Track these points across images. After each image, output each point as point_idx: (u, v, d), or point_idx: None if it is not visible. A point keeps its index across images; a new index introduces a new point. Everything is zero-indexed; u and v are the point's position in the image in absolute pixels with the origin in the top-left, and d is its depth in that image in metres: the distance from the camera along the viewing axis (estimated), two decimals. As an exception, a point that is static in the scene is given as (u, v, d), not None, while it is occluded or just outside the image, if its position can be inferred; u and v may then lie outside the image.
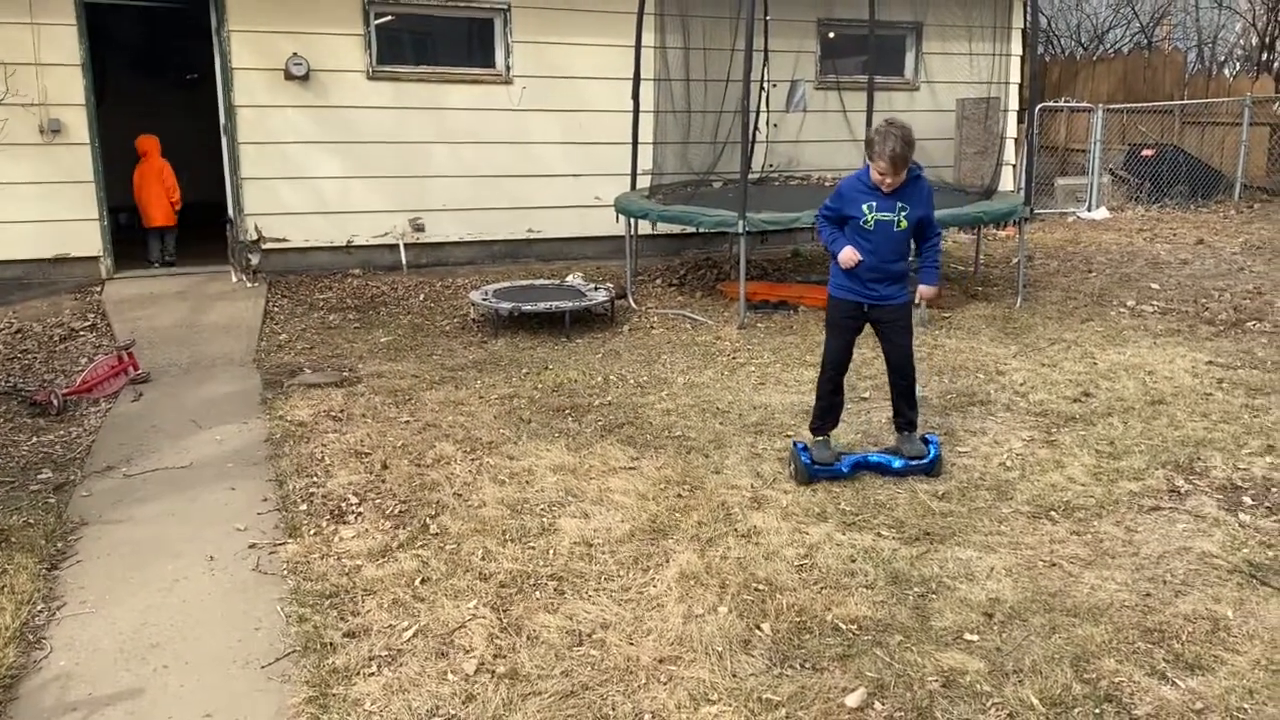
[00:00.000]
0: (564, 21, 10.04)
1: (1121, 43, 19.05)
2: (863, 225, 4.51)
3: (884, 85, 11.02)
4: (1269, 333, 7.11)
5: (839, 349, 4.73)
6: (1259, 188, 14.59)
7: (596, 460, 4.85)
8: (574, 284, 8.41)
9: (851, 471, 4.60)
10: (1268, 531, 4.01)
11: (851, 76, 11.26)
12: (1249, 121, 14.33)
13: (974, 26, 9.81)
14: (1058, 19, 19.16)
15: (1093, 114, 13.72)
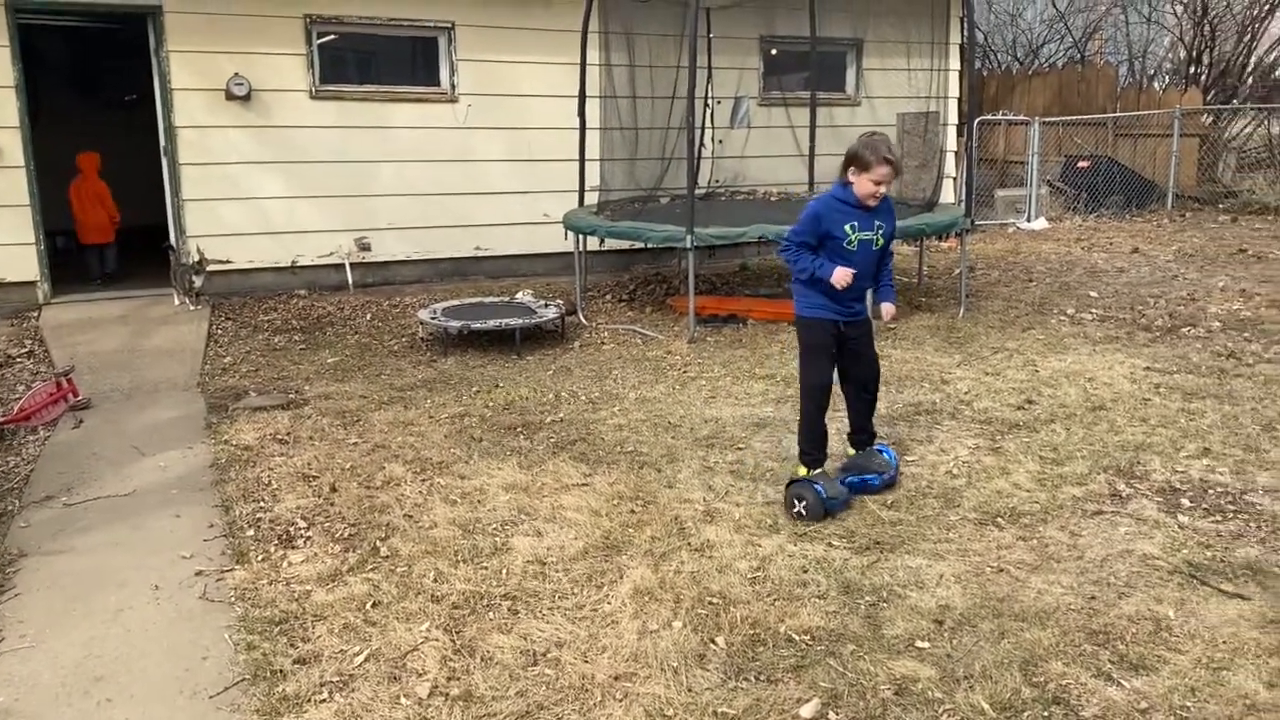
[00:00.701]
0: (509, 40, 10.06)
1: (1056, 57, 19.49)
2: (845, 246, 4.40)
3: (826, 101, 11.17)
4: (1203, 338, 7.30)
5: (825, 371, 4.57)
6: (1190, 197, 15.01)
7: (549, 478, 4.84)
8: (524, 301, 8.39)
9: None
10: (1205, 532, 4.11)
11: (794, 92, 11.41)
12: (1179, 133, 14.74)
13: (913, 42, 10.00)
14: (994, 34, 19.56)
15: (1030, 127, 14.02)
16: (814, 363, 4.57)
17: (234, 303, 9.10)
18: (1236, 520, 4.22)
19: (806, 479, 4.42)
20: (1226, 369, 6.46)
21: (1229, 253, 11.01)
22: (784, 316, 8.17)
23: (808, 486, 4.36)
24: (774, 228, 7.83)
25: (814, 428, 4.56)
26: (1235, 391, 5.96)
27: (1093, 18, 19.70)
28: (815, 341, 4.56)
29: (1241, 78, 17.25)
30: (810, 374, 4.57)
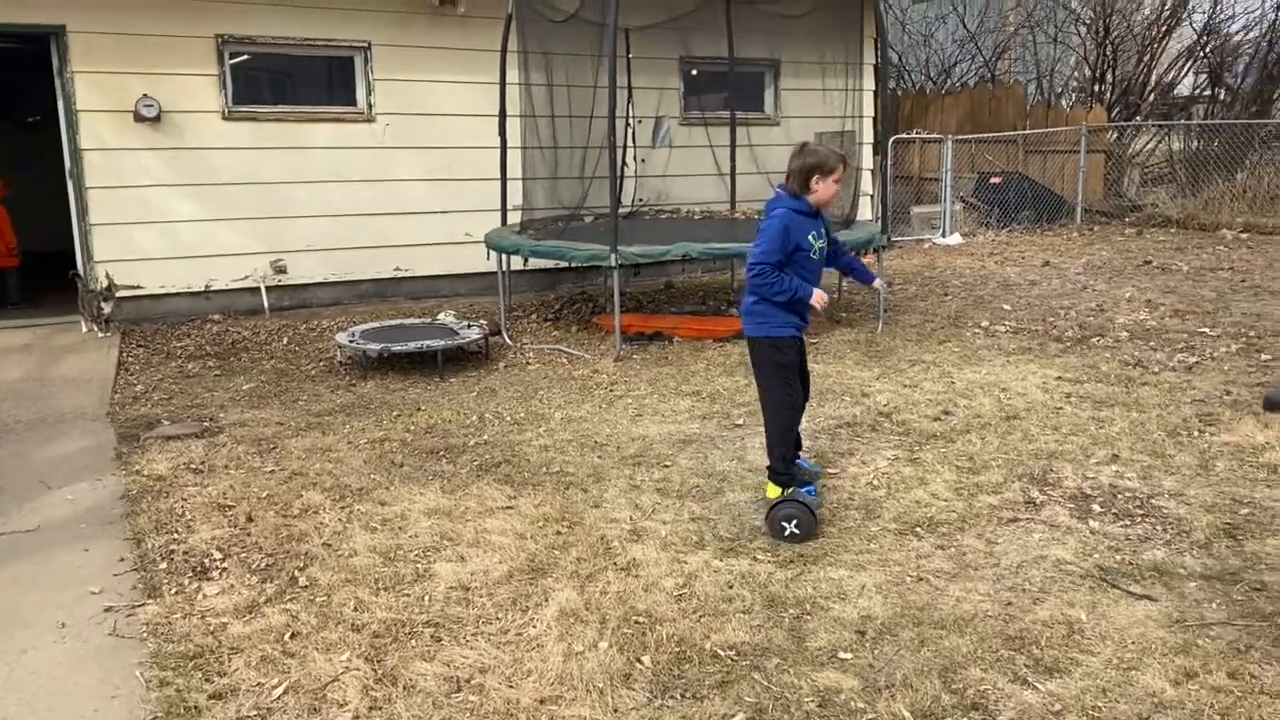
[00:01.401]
0: (426, 59, 10.00)
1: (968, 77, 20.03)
2: (811, 256, 4.41)
3: (745, 120, 11.32)
4: (1111, 347, 7.54)
5: (796, 387, 4.56)
6: (1098, 211, 15.53)
7: (473, 501, 4.79)
8: (446, 322, 8.32)
9: None
10: (1115, 537, 4.24)
11: (714, 112, 11.54)
12: (1086, 149, 15.25)
13: (828, 63, 10.19)
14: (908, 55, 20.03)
15: (943, 145, 14.38)
16: (789, 382, 4.53)
17: (145, 329, 8.86)
18: (1144, 524, 4.36)
19: (794, 499, 4.34)
20: (1134, 377, 6.67)
21: (1135, 265, 11.40)
22: (709, 333, 8.24)
23: (798, 505, 4.29)
24: (698, 246, 7.90)
25: (788, 447, 4.56)
26: (1142, 399, 6.16)
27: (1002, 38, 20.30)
28: (787, 360, 4.52)
29: (1143, 95, 17.92)
30: (786, 394, 4.53)
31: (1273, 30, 16.73)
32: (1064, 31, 19.51)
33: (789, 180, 4.43)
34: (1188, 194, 15.24)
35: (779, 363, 4.50)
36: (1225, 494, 4.64)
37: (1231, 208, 14.22)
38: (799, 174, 4.39)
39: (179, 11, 8.97)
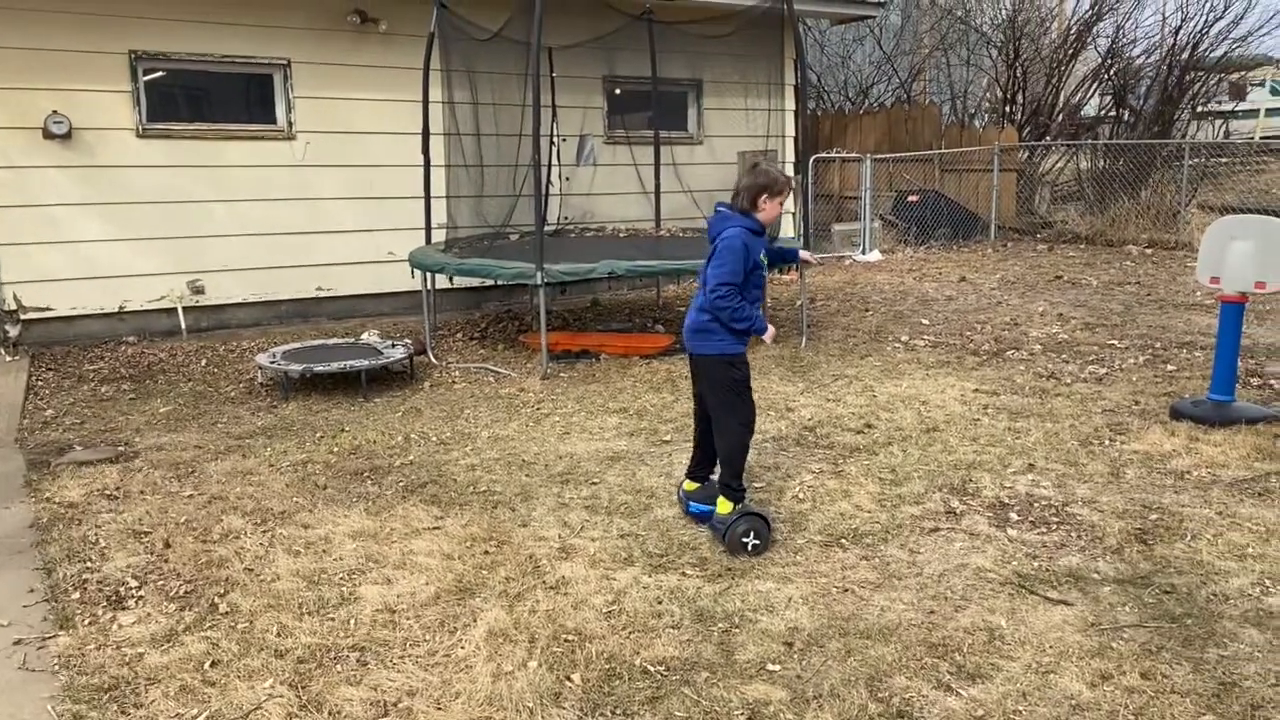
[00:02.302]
0: (348, 76, 9.90)
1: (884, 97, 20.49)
2: (761, 274, 4.44)
3: (669, 140, 11.42)
4: (1026, 360, 7.76)
5: (752, 403, 4.54)
6: (1011, 228, 15.99)
7: (399, 523, 4.74)
8: (370, 342, 8.22)
9: None
10: (1032, 544, 4.36)
11: (638, 131, 11.62)
12: (998, 168, 15.72)
13: (750, 83, 10.35)
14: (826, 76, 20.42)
15: (862, 163, 14.68)
16: (745, 398, 4.50)
17: (56, 352, 8.58)
18: (1059, 531, 4.49)
19: (749, 511, 4.36)
20: (1047, 389, 6.88)
21: (1047, 280, 11.76)
22: (636, 350, 8.28)
23: (753, 518, 4.32)
24: (624, 263, 7.93)
25: (743, 462, 4.52)
26: (1055, 410, 6.36)
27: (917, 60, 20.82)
28: (742, 375, 4.49)
29: (1052, 116, 18.52)
30: (747, 410, 4.50)
31: (1171, 54, 17.45)
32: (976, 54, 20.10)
33: (737, 198, 4.45)
34: (1095, 211, 15.79)
35: (735, 379, 4.47)
36: (1135, 500, 4.81)
37: (1136, 224, 14.76)
38: (749, 193, 4.41)
39: (91, 27, 8.75)
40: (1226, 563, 4.11)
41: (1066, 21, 19.52)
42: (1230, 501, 4.75)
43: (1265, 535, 4.35)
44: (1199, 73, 17.86)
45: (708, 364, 4.50)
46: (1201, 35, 17.31)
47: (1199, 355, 7.61)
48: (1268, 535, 4.35)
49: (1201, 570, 4.05)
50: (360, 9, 9.80)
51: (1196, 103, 18.30)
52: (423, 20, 8.98)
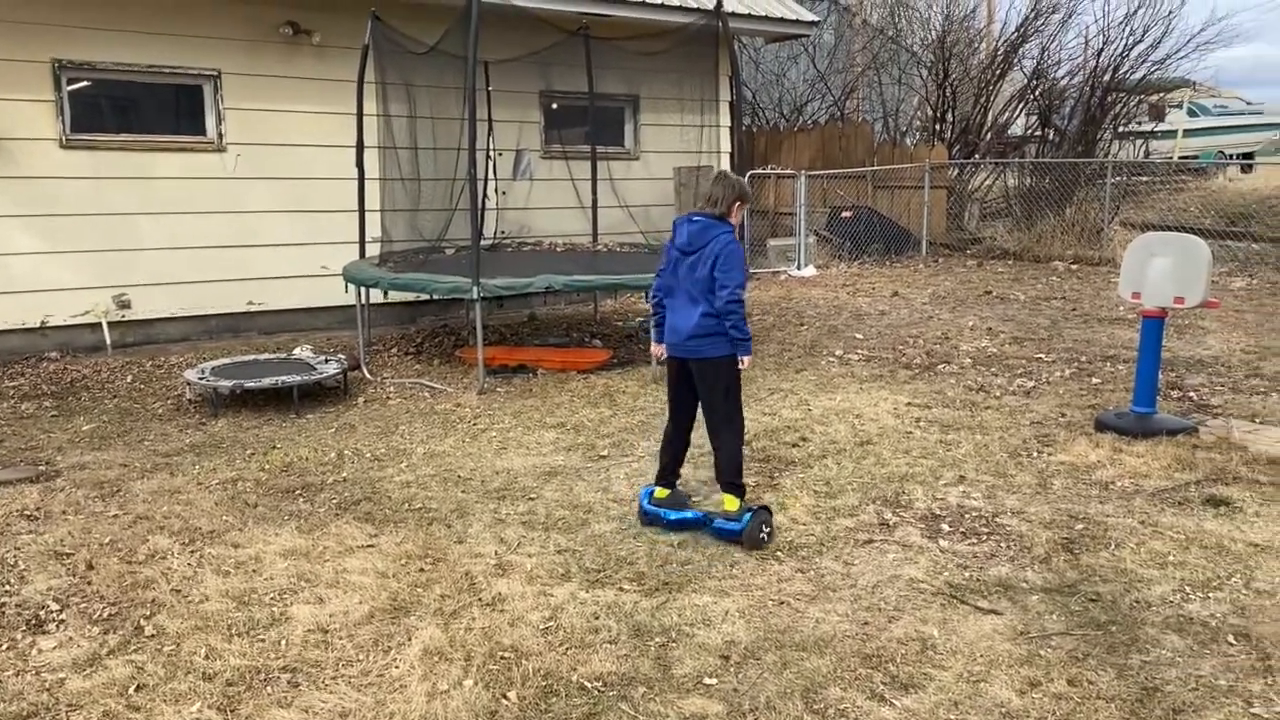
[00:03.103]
0: (280, 88, 9.76)
1: (818, 115, 20.78)
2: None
3: (606, 155, 11.46)
4: (956, 374, 7.91)
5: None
6: (941, 244, 16.31)
7: (331, 541, 4.66)
8: (303, 357, 8.09)
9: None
10: (963, 555, 4.44)
11: (575, 146, 11.64)
12: (929, 185, 16.03)
13: (685, 100, 10.44)
14: (761, 93, 20.65)
15: (797, 180, 14.86)
16: (740, 398, 4.74)
17: (-28, 368, 8.30)
18: (989, 542, 4.58)
19: (759, 506, 4.62)
20: (977, 402, 7.02)
21: (976, 295, 12.01)
22: (573, 365, 8.26)
23: (765, 512, 4.60)
24: (561, 278, 7.93)
25: (742, 459, 4.76)
26: (985, 422, 6.49)
27: (849, 78, 21.17)
28: (739, 375, 4.69)
29: (980, 135, 18.96)
30: (741, 409, 4.75)
31: (1093, 76, 17.99)
32: (907, 73, 20.50)
33: (714, 205, 4.60)
34: (1023, 228, 16.18)
35: (737, 377, 4.66)
36: (1062, 510, 4.92)
37: (1062, 241, 15.15)
38: (727, 198, 4.60)
39: (11, 35, 8.52)
40: (1149, 570, 4.22)
41: (994, 43, 20.03)
42: (1152, 511, 4.89)
43: (1185, 543, 4.48)
44: (1120, 94, 18.43)
45: (713, 366, 4.60)
46: (1122, 58, 17.88)
47: (1122, 368, 7.83)
48: (1187, 543, 4.48)
49: (1125, 578, 4.16)
50: (293, 20, 9.69)
51: (1118, 123, 18.87)
52: (357, 33, 8.91)
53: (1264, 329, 9.52)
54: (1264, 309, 10.69)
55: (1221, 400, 6.93)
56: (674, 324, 4.66)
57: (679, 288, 4.63)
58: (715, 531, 4.62)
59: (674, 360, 4.73)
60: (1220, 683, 3.35)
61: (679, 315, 4.63)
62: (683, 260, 4.60)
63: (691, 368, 4.66)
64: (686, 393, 4.75)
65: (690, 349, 4.61)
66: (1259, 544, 4.45)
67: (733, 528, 4.55)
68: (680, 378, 4.74)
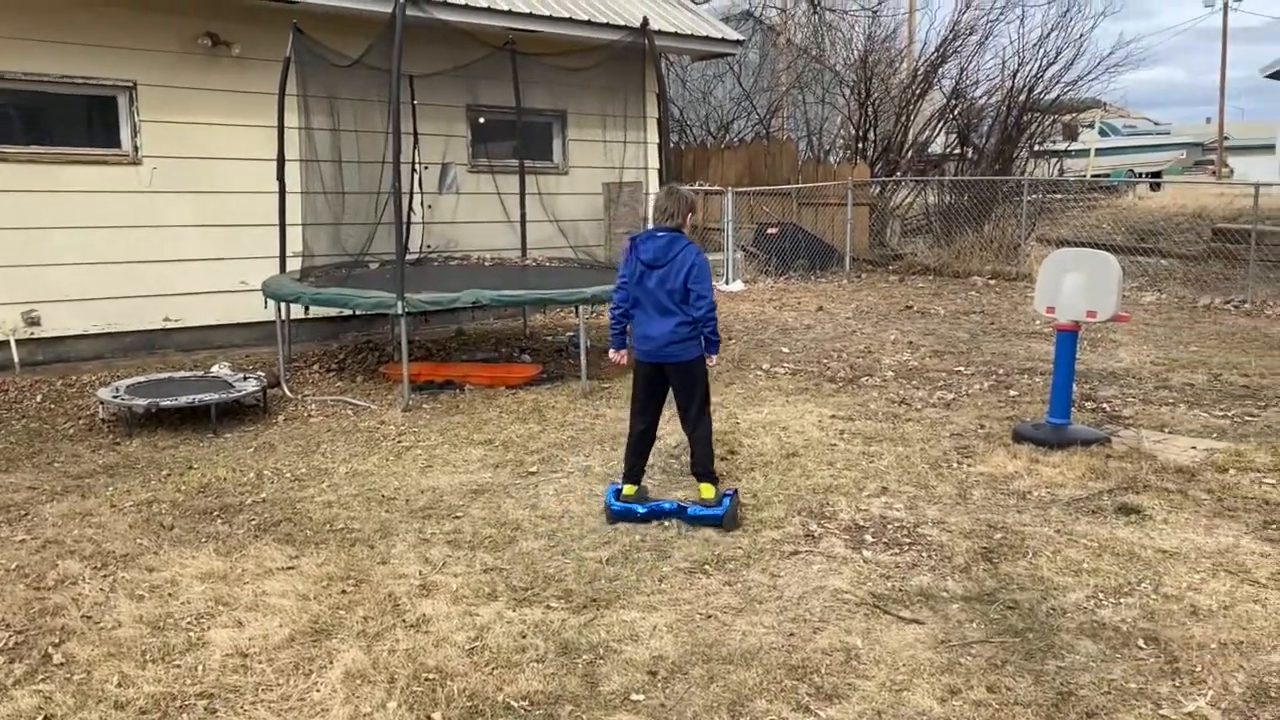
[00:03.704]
0: (198, 101, 9.55)
1: (745, 132, 21.03)
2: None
3: (534, 169, 11.44)
4: (879, 386, 8.05)
5: None
6: (864, 259, 16.60)
7: (250, 563, 4.55)
8: (221, 374, 7.90)
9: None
10: (886, 565, 4.50)
11: (503, 160, 11.60)
12: (852, 202, 16.32)
13: (613, 116, 10.48)
14: (688, 110, 20.85)
15: (724, 196, 15.01)
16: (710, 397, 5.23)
17: None
18: (911, 552, 4.65)
19: (734, 492, 5.10)
20: (899, 414, 7.14)
21: (898, 309, 12.24)
22: (502, 381, 8.21)
23: (735, 495, 5.07)
24: (489, 293, 7.88)
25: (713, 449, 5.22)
26: (907, 434, 6.60)
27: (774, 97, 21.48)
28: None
29: (901, 153, 19.38)
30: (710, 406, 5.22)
31: (1010, 96, 18.52)
32: (830, 93, 20.88)
33: (669, 217, 5.01)
34: (943, 244, 16.57)
35: (708, 375, 5.13)
36: (981, 520, 5.03)
37: (980, 256, 15.55)
38: (681, 210, 5.03)
39: (-89, 41, 8.22)
40: (1064, 578, 4.33)
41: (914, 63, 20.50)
42: (1067, 520, 5.02)
43: (1098, 551, 4.61)
44: (1035, 113, 19.00)
45: (689, 368, 5.02)
46: (1037, 79, 18.45)
47: (1039, 380, 8.04)
48: (1100, 551, 4.61)
49: (1042, 586, 4.26)
50: (212, 32, 9.50)
51: (1033, 142, 19.46)
52: (279, 45, 8.77)
53: (1172, 342, 9.87)
54: (1172, 323, 11.09)
55: (1133, 411, 7.15)
56: (647, 333, 5.00)
57: (647, 299, 4.97)
58: (692, 518, 4.93)
59: (647, 366, 5.08)
60: (1131, 686, 3.45)
61: (652, 324, 4.98)
62: (650, 273, 4.93)
63: (668, 371, 5.04)
64: (655, 397, 5.15)
65: (668, 354, 4.98)
66: (1167, 550, 4.60)
67: (714, 513, 4.91)
68: (650, 382, 5.12)
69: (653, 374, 5.09)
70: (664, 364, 5.02)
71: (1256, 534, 4.79)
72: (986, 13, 18.82)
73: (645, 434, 5.22)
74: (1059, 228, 17.35)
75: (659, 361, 5.02)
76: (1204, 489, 5.43)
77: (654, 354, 5.01)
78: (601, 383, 8.16)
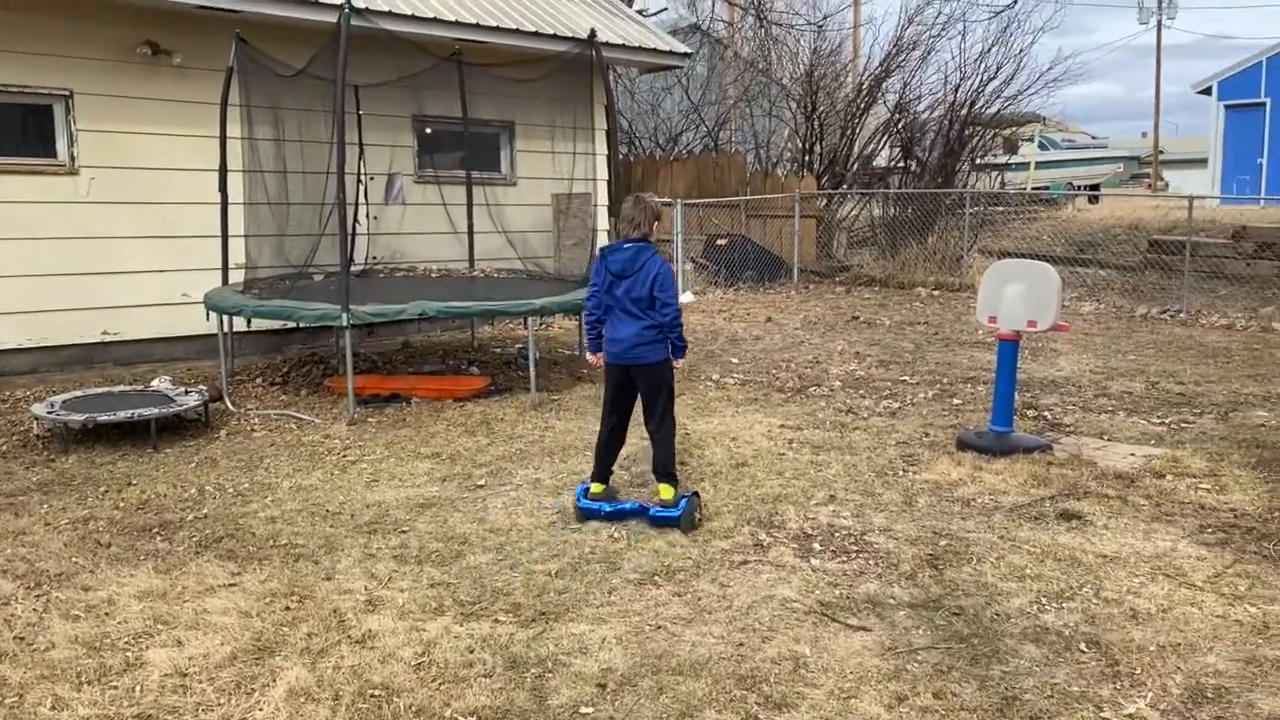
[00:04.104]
0: (138, 110, 9.38)
1: (693, 144, 21.14)
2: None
3: (481, 180, 11.39)
4: (827, 396, 8.11)
5: None
6: (812, 271, 16.76)
7: (191, 580, 4.46)
8: (161, 388, 7.74)
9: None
10: (834, 573, 4.53)
11: (450, 171, 11.54)
12: (799, 214, 16.46)
13: (561, 127, 10.47)
14: (637, 122, 20.91)
15: (674, 208, 15.06)
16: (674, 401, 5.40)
17: None
18: (858, 559, 4.69)
19: (694, 492, 5.23)
20: (846, 423, 7.21)
21: (845, 320, 12.37)
22: (449, 393, 8.14)
23: (697, 497, 5.21)
24: (435, 304, 7.81)
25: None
26: (854, 443, 6.66)
27: (722, 109, 21.63)
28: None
29: (847, 166, 19.61)
30: (674, 410, 5.38)
31: (952, 110, 18.83)
32: (777, 106, 21.07)
33: (636, 227, 5.25)
34: (888, 256, 16.78)
35: (672, 378, 5.34)
36: (927, 527, 5.08)
37: (925, 268, 15.77)
38: (647, 219, 5.29)
39: None
40: (1008, 584, 4.39)
41: (859, 77, 20.78)
42: (1010, 526, 5.10)
43: (1041, 556, 4.69)
44: (977, 127, 19.34)
45: (654, 369, 5.24)
46: (978, 93, 18.78)
47: (981, 389, 8.16)
48: (1043, 556, 4.69)
49: (986, 592, 4.31)
50: (152, 40, 9.33)
51: (975, 155, 19.80)
52: (220, 54, 8.65)
53: (1111, 351, 10.09)
54: (1110, 332, 11.33)
55: (1073, 419, 7.29)
56: (616, 336, 5.23)
57: (617, 306, 5.20)
58: (653, 519, 5.08)
59: (616, 368, 5.29)
60: (1074, 689, 3.50)
61: (620, 329, 5.20)
62: (618, 282, 5.17)
63: (635, 373, 5.25)
64: (623, 398, 5.35)
65: (634, 356, 5.20)
66: (1108, 555, 4.69)
67: (671, 514, 5.05)
68: (620, 384, 5.31)
69: (621, 376, 5.29)
70: (631, 366, 5.23)
71: (1193, 538, 4.90)
72: (929, 28, 19.16)
73: (614, 434, 5.41)
74: (1001, 239, 17.67)
75: (627, 364, 5.23)
76: (1142, 495, 5.54)
77: (621, 356, 5.22)
78: (551, 395, 8.14)
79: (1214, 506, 5.35)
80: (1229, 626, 3.96)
